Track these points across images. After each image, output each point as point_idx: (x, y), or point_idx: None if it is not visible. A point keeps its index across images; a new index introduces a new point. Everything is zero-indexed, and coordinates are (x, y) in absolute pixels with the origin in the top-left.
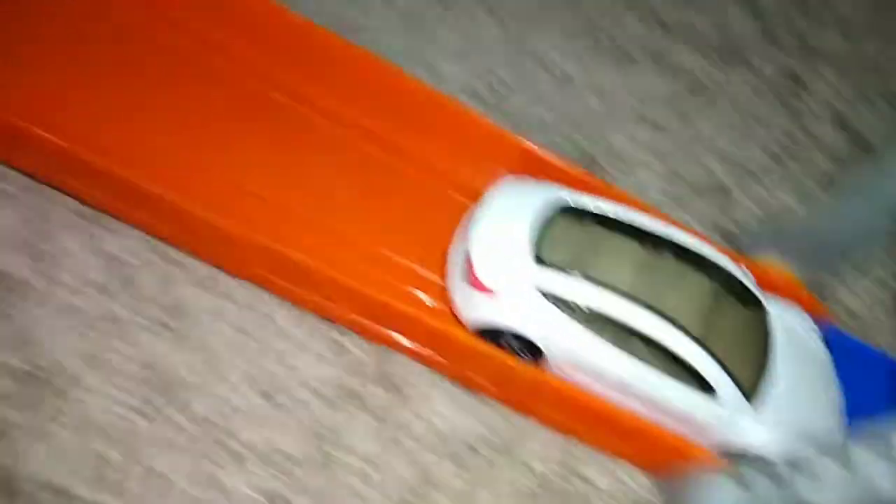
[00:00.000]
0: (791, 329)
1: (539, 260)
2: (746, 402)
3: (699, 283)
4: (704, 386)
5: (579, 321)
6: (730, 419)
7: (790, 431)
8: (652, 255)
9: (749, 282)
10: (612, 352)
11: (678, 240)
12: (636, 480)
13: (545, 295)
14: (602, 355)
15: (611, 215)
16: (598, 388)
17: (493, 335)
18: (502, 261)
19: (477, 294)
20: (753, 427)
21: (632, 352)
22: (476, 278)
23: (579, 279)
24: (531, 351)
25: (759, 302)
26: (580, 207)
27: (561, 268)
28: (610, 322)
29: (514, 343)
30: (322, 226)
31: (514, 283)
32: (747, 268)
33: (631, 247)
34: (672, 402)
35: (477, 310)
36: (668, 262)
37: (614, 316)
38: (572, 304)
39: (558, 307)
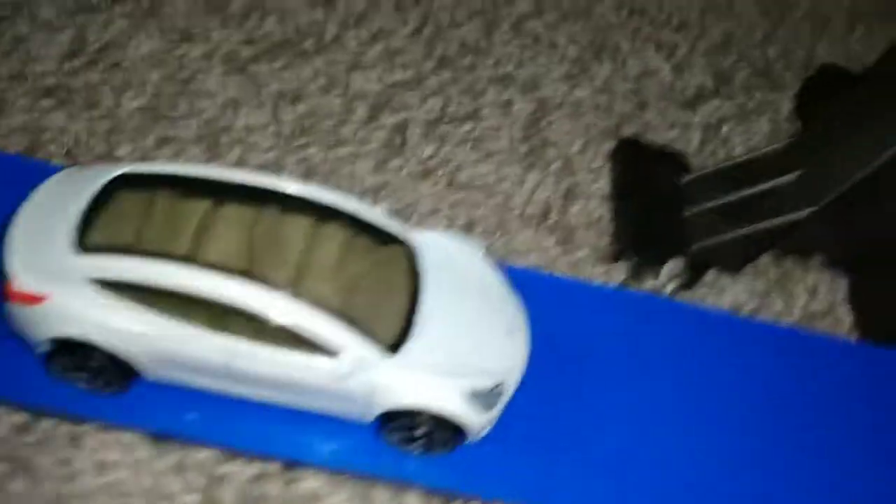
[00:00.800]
0: (449, 262)
1: (84, 247)
2: (381, 353)
3: (315, 234)
4: (324, 349)
5: (153, 309)
6: (370, 377)
7: (448, 373)
8: (248, 214)
9: (381, 220)
10: (200, 335)
11: (281, 191)
12: None
13: (103, 285)
14: (190, 343)
15: (183, 174)
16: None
17: (78, 361)
18: (45, 259)
19: (27, 310)
20: (397, 378)
21: (228, 331)
22: (16, 290)
23: (135, 257)
24: (124, 372)
25: (400, 240)
26: (143, 175)
27: (111, 249)
28: (191, 301)
29: (110, 369)
30: None
31: (64, 280)
32: None
33: (218, 209)
34: (292, 377)
35: (33, 328)
36: (271, 218)
37: (190, 290)
38: (137, 289)
39: (124, 298)
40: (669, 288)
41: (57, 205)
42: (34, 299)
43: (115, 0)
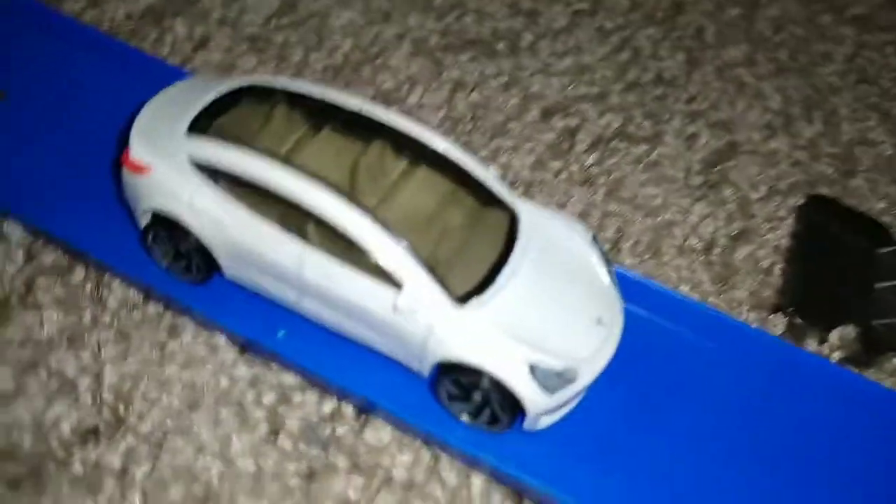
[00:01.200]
0: (551, 239)
1: (193, 131)
2: (449, 299)
3: (417, 179)
4: (389, 279)
5: (241, 200)
6: (431, 322)
7: (512, 338)
8: (357, 143)
9: (496, 185)
10: (277, 236)
11: (401, 130)
12: None
13: (199, 168)
14: (266, 241)
15: (308, 94)
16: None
17: (171, 238)
18: (160, 137)
19: (135, 179)
20: (459, 329)
21: (304, 238)
22: (129, 159)
23: (231, 145)
24: (208, 263)
25: (506, 205)
26: (272, 88)
27: (213, 134)
28: (275, 202)
29: (195, 254)
30: None
31: (169, 157)
32: None
33: (329, 131)
34: (355, 301)
35: (138, 199)
36: (379, 152)
37: (273, 185)
38: (226, 174)
39: (216, 184)
40: (836, 356)
41: (185, 98)
42: (141, 169)
43: None
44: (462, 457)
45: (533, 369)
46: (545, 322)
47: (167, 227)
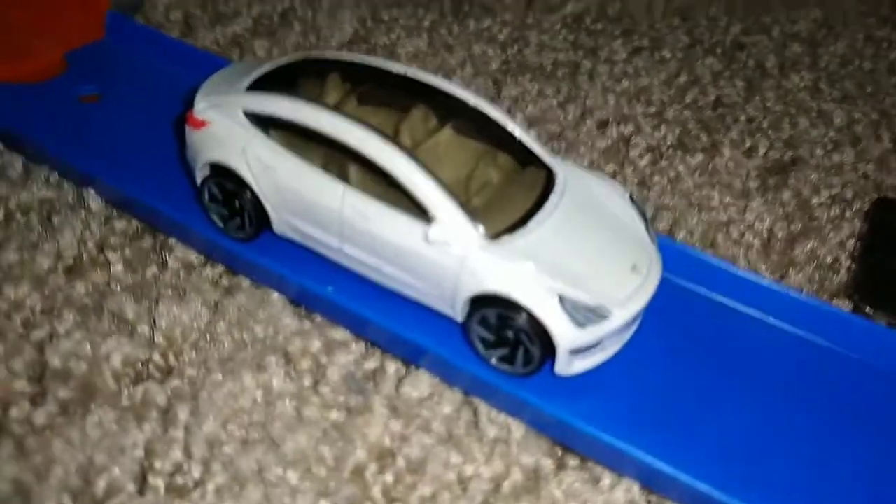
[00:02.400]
0: (588, 193)
1: (251, 89)
2: (480, 234)
3: (458, 137)
4: (423, 213)
5: (288, 147)
6: (464, 256)
7: (543, 272)
8: (402, 106)
9: (535, 145)
10: (320, 176)
11: (445, 90)
12: None
13: (250, 117)
14: (310, 181)
15: (358, 63)
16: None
17: (225, 194)
18: (219, 97)
19: (196, 134)
20: (490, 262)
21: (345, 179)
22: (192, 115)
23: (286, 97)
24: (258, 214)
25: (544, 163)
26: (328, 60)
27: (269, 91)
28: (319, 147)
29: (248, 205)
30: None
31: (226, 112)
32: None
33: (375, 93)
34: (392, 238)
35: (197, 154)
36: (425, 115)
37: (314, 125)
38: (277, 124)
39: (266, 133)
40: None
41: (246, 70)
42: (201, 123)
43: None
44: (503, 404)
45: (562, 300)
46: (577, 263)
47: (222, 181)
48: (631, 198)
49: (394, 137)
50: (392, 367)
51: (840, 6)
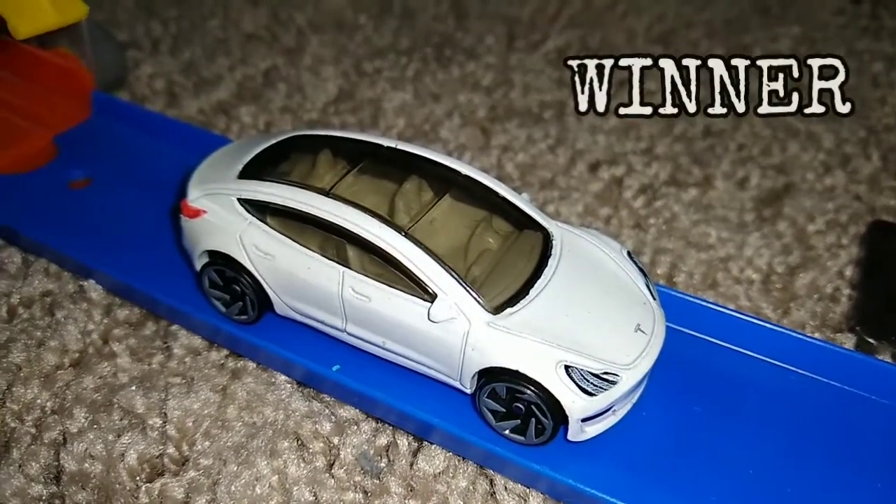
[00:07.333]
0: (585, 254)
1: (242, 175)
2: (482, 309)
3: (452, 206)
4: (424, 292)
5: (284, 233)
6: (467, 331)
7: (547, 342)
8: (394, 179)
9: (529, 208)
10: (319, 261)
11: (435, 162)
12: None
13: (244, 204)
14: (309, 266)
15: (348, 139)
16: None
17: (225, 280)
18: (212, 185)
19: (191, 223)
20: (494, 336)
21: (343, 262)
22: (186, 204)
23: (278, 183)
24: (260, 298)
25: (540, 226)
26: (317, 136)
27: (262, 177)
28: (315, 232)
29: (248, 290)
30: None
31: (220, 201)
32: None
33: (366, 169)
34: (394, 317)
35: (194, 242)
36: (417, 186)
37: (309, 211)
38: (272, 210)
39: (262, 219)
40: None
41: (237, 152)
42: (196, 213)
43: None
44: (519, 476)
45: (569, 370)
46: (581, 329)
47: (221, 268)
48: (629, 254)
49: (389, 214)
50: (404, 441)
51: (818, 19)
